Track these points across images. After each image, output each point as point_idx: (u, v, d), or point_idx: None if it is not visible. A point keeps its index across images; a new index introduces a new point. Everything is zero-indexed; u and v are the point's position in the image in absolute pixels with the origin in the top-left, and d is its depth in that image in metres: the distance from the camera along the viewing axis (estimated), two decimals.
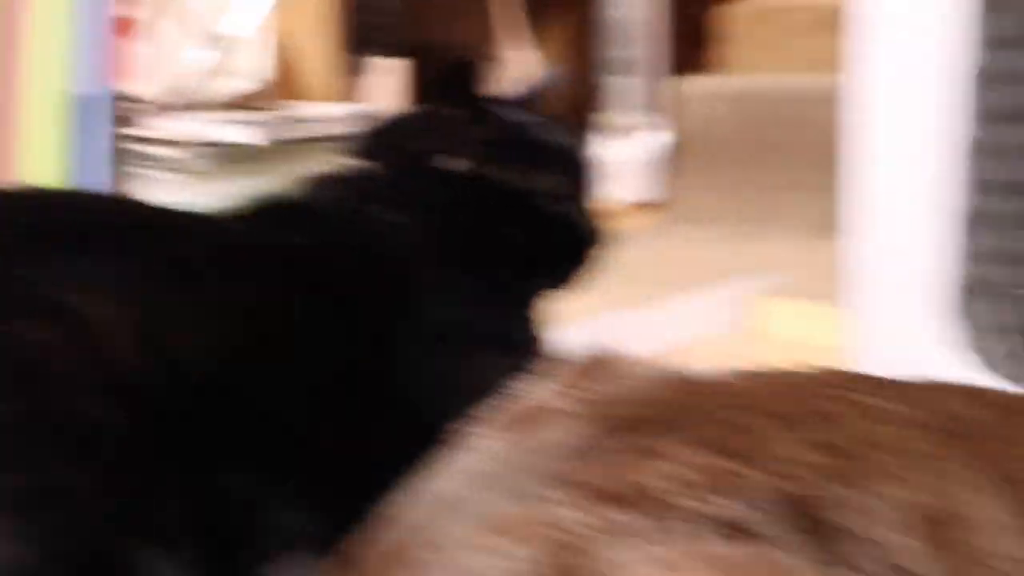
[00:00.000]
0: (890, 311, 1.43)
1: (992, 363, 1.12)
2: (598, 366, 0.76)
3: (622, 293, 2.09)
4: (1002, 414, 0.72)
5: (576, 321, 1.20)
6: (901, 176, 1.40)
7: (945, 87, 1.16)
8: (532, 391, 0.76)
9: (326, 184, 1.11)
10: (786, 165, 3.05)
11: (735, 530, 0.63)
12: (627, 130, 3.31)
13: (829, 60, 1.77)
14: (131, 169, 2.27)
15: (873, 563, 0.63)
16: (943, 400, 0.72)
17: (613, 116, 3.34)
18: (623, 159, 3.21)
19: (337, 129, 2.38)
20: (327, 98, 2.95)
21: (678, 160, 3.30)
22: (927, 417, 0.70)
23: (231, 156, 2.46)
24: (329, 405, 0.96)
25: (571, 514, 0.63)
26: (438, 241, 1.07)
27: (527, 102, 1.18)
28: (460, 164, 1.09)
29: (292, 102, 2.86)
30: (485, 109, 1.12)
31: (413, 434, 0.84)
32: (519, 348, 1.05)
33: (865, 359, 1.44)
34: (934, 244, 1.17)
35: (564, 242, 1.13)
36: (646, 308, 2.28)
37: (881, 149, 1.42)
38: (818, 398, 0.71)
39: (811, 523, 0.64)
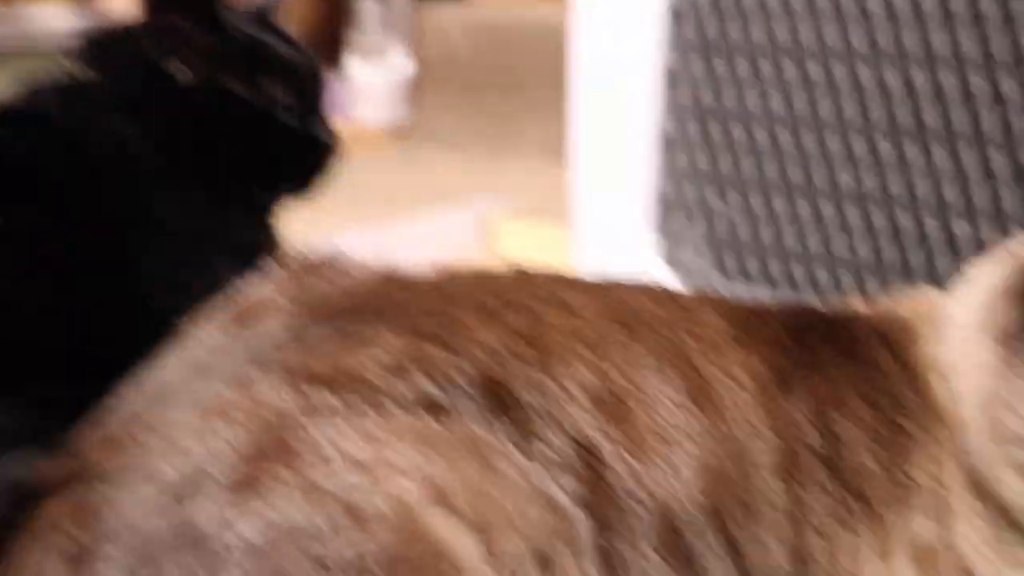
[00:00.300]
0: (606, 228, 1.53)
1: (688, 272, 1.23)
2: (316, 266, 0.80)
3: (361, 213, 2.13)
4: (677, 309, 0.80)
5: (316, 239, 1.23)
6: (612, 102, 1.50)
7: (648, 22, 1.25)
8: (253, 289, 0.80)
9: (55, 92, 1.09)
10: (523, 91, 3.14)
11: (434, 408, 0.69)
12: (374, 53, 3.32)
13: None
14: None
15: (559, 436, 0.71)
16: (629, 297, 0.80)
17: (362, 38, 3.34)
18: (370, 81, 3.23)
19: (65, 36, 2.30)
20: (56, 2, 2.83)
21: (422, 85, 3.34)
22: (614, 311, 0.78)
23: None
24: (54, 308, 0.97)
25: (279, 396, 0.68)
26: (168, 150, 1.07)
27: (262, 15, 1.18)
28: (191, 73, 1.10)
29: (19, 5, 2.73)
30: (218, 19, 1.12)
31: (144, 332, 0.86)
32: (250, 252, 1.07)
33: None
34: (640, 165, 1.26)
35: (297, 153, 1.15)
36: (385, 227, 2.33)
37: (595, 77, 1.51)
38: (519, 294, 0.77)
39: (505, 402, 0.71)
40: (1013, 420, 0.74)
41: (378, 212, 2.31)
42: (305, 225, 1.18)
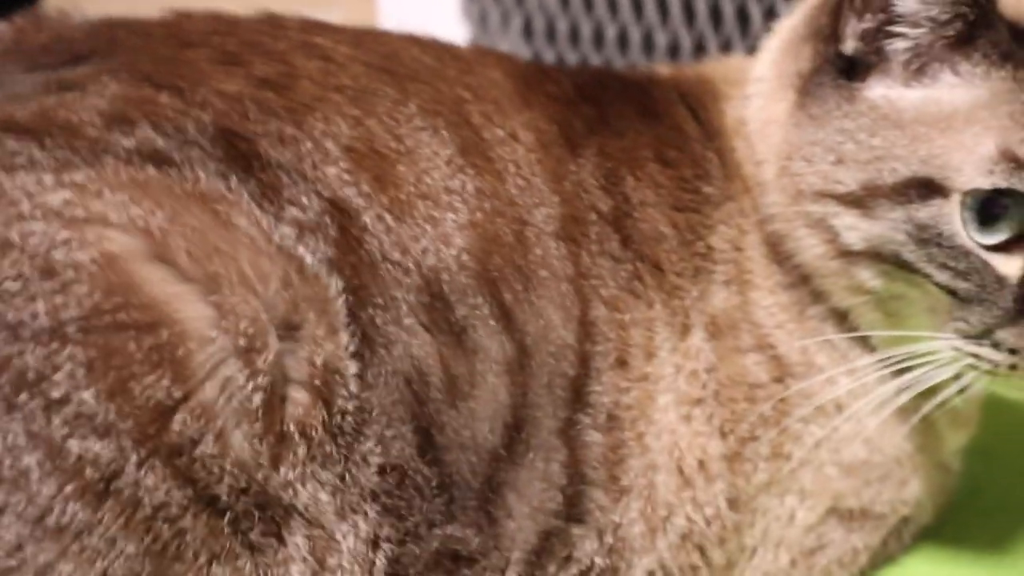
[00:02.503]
0: None
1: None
2: (35, 19, 0.69)
3: None
4: (457, 63, 0.71)
5: None
6: None
7: None
8: None
9: None
10: None
11: (159, 160, 0.60)
12: None
13: None
14: None
15: (310, 196, 0.62)
16: (401, 48, 0.71)
17: None
18: None
19: None
20: None
21: None
22: (382, 62, 0.68)
23: None
24: None
25: None
26: None
27: None
28: None
29: None
30: None
31: None
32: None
33: None
34: None
35: None
36: None
37: None
38: (267, 38, 0.68)
39: (247, 157, 0.62)
40: (808, 172, 0.68)
41: None
42: None
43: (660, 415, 0.68)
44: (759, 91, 0.73)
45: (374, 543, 0.62)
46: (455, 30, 1.23)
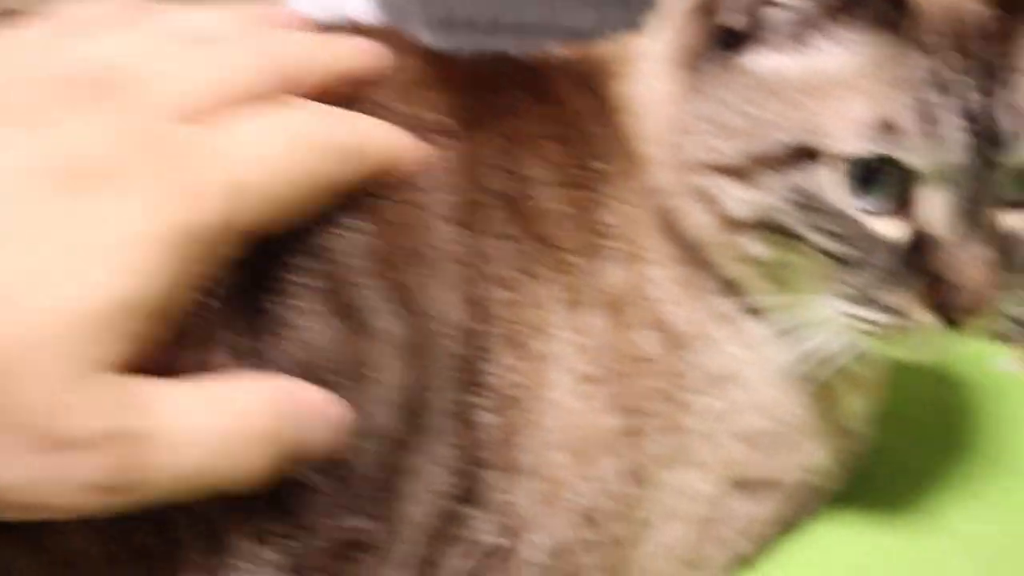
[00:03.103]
0: None
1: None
2: None
3: None
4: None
5: None
6: None
7: None
8: None
9: None
10: None
11: None
12: None
13: None
14: None
15: None
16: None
17: None
18: None
19: None
20: None
21: None
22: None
23: None
24: None
25: None
26: None
27: None
28: None
29: None
30: None
31: None
32: None
33: None
34: None
35: None
36: None
37: None
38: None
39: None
40: (691, 145, 0.69)
41: None
42: None
43: (555, 394, 0.68)
44: (647, 67, 0.74)
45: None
46: (365, 11, 1.22)
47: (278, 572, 0.62)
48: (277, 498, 0.61)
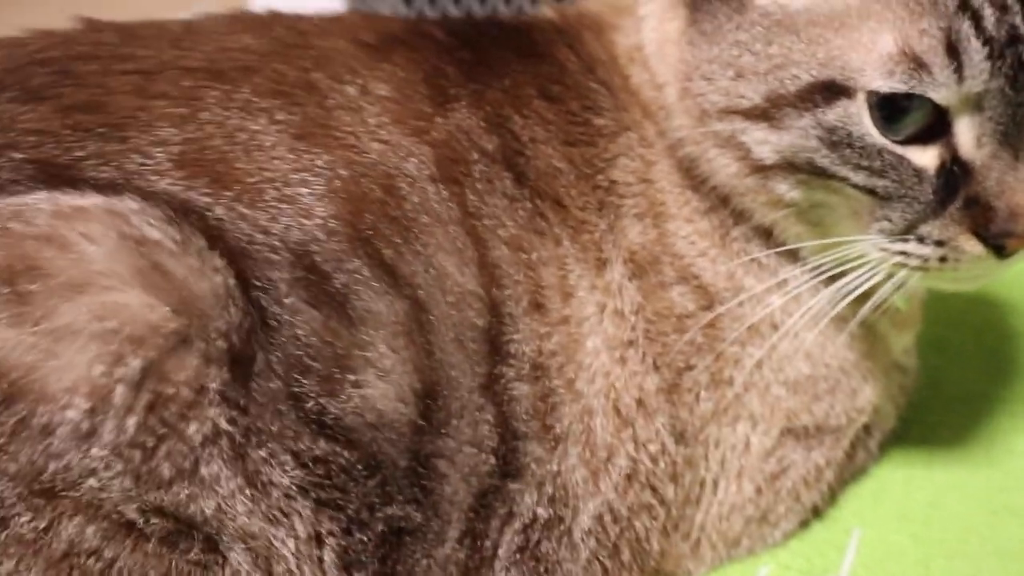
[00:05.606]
0: None
1: None
2: None
3: None
4: (296, 37, 0.69)
5: None
6: None
7: None
8: None
9: None
10: None
11: None
12: None
13: None
14: None
15: (155, 207, 0.59)
16: (222, 41, 0.67)
17: None
18: None
19: None
20: None
21: None
22: (203, 61, 0.65)
23: None
24: None
25: None
26: None
27: None
28: None
29: None
30: None
31: None
32: None
33: None
34: None
35: None
36: None
37: None
38: (77, 61, 0.64)
39: (67, 182, 0.59)
40: (709, 90, 0.66)
41: None
42: None
43: (590, 359, 0.66)
44: (651, 13, 0.71)
45: (318, 539, 0.60)
46: None
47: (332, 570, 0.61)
48: (323, 497, 0.60)
